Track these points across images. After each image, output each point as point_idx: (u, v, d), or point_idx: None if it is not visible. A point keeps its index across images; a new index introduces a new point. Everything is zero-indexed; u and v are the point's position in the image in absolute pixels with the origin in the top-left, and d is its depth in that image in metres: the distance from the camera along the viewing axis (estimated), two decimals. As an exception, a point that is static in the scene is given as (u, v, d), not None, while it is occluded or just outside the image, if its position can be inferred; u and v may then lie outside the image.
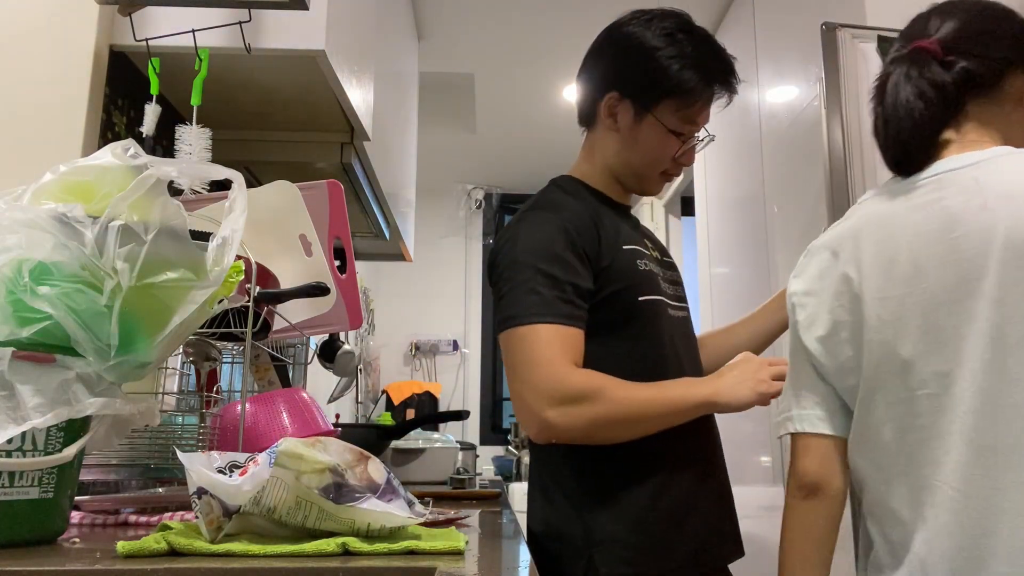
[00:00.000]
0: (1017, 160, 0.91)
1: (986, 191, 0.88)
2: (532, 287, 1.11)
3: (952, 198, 0.90)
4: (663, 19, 1.20)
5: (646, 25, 1.20)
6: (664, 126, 1.19)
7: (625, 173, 1.26)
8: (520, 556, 0.84)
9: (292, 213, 1.24)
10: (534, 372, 1.07)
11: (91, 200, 0.76)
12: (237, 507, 0.68)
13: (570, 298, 1.11)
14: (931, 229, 0.90)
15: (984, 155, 0.92)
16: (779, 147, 2.35)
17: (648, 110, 1.19)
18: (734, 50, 1.25)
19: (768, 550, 2.70)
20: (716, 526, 1.19)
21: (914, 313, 0.90)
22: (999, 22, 1.00)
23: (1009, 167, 0.90)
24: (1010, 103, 0.99)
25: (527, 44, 3.19)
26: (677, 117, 1.19)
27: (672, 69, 1.16)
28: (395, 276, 4.54)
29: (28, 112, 1.34)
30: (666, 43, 1.18)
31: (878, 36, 1.56)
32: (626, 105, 1.21)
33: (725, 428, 1.34)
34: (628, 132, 1.22)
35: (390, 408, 4.26)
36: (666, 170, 1.25)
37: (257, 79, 1.58)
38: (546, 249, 1.13)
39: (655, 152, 1.22)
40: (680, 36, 1.19)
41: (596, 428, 1.07)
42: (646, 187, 1.28)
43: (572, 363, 1.08)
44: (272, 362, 1.36)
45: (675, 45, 1.18)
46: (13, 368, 0.70)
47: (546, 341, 1.08)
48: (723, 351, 1.44)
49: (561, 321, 1.09)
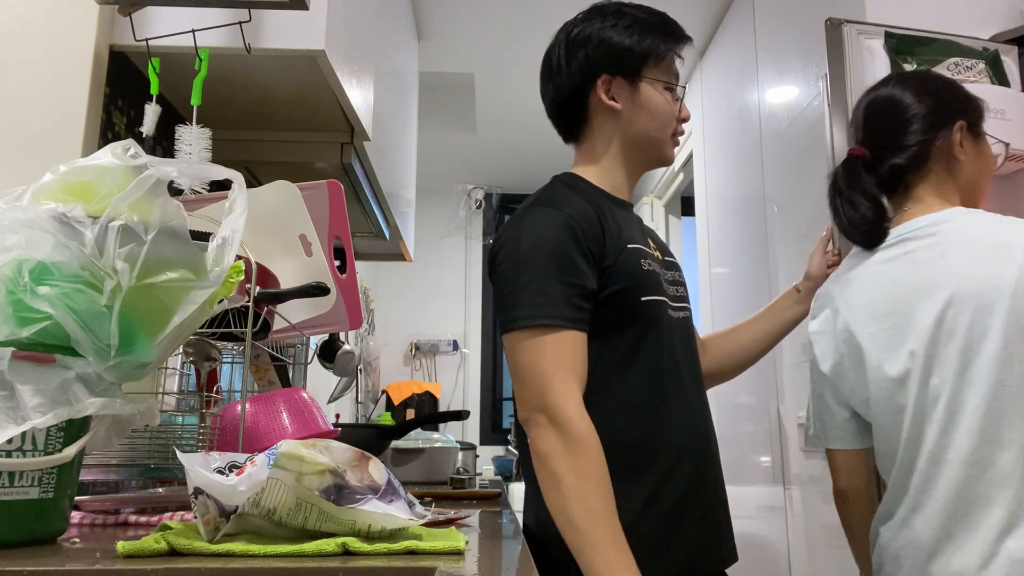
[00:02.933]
0: (968, 219, 1.14)
1: (943, 243, 1.12)
2: (536, 287, 1.10)
3: (917, 251, 1.14)
4: (602, 7, 1.30)
5: (595, 14, 1.29)
6: (660, 82, 1.26)
7: (640, 147, 1.27)
8: (520, 556, 0.84)
9: (292, 213, 1.24)
10: (534, 381, 1.07)
11: (91, 200, 0.76)
12: (234, 507, 0.68)
13: (575, 299, 1.10)
14: (902, 275, 1.14)
15: (940, 216, 1.16)
16: (779, 147, 2.35)
17: (639, 76, 1.25)
18: (734, 50, 1.26)
19: (768, 550, 2.69)
20: (711, 532, 1.18)
21: (895, 343, 1.12)
22: (908, 107, 1.22)
23: (962, 225, 1.13)
24: (942, 165, 1.21)
25: (527, 44, 3.18)
26: (662, 72, 1.27)
27: (642, 30, 1.26)
28: (395, 276, 4.54)
29: (28, 112, 1.34)
30: (621, 19, 1.27)
31: (885, 32, 1.55)
32: (619, 81, 1.25)
33: (725, 429, 1.34)
34: (631, 104, 1.25)
35: (390, 408, 4.26)
36: (675, 129, 1.29)
37: (257, 79, 1.58)
38: (551, 247, 1.12)
39: (663, 110, 1.26)
40: (626, 9, 1.29)
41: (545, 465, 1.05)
42: (664, 152, 1.30)
43: (575, 377, 1.08)
44: (272, 362, 1.36)
45: (629, 16, 1.28)
46: (13, 368, 0.70)
47: (551, 350, 1.08)
48: (726, 353, 1.44)
49: (566, 324, 1.09)
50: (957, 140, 1.21)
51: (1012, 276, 1.05)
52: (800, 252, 1.12)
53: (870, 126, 1.27)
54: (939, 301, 1.08)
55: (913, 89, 1.24)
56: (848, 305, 1.20)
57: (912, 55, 1.56)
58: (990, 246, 1.08)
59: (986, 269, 1.07)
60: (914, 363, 1.10)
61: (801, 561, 2.13)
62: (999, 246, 1.08)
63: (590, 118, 1.28)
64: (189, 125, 1.35)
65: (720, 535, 1.20)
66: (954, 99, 1.24)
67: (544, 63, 1.33)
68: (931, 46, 1.58)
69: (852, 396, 1.21)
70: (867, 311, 1.17)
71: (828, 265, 1.42)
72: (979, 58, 1.59)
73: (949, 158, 1.21)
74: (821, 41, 1.56)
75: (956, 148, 1.21)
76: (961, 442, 1.05)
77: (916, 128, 1.21)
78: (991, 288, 1.06)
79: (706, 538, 1.17)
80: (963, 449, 1.05)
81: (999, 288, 1.05)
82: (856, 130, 1.30)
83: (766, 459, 2.39)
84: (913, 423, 1.10)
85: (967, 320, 1.06)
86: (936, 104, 1.22)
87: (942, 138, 1.20)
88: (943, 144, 1.21)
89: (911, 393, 1.10)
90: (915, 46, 1.57)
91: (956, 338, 1.07)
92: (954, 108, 1.22)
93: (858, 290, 1.20)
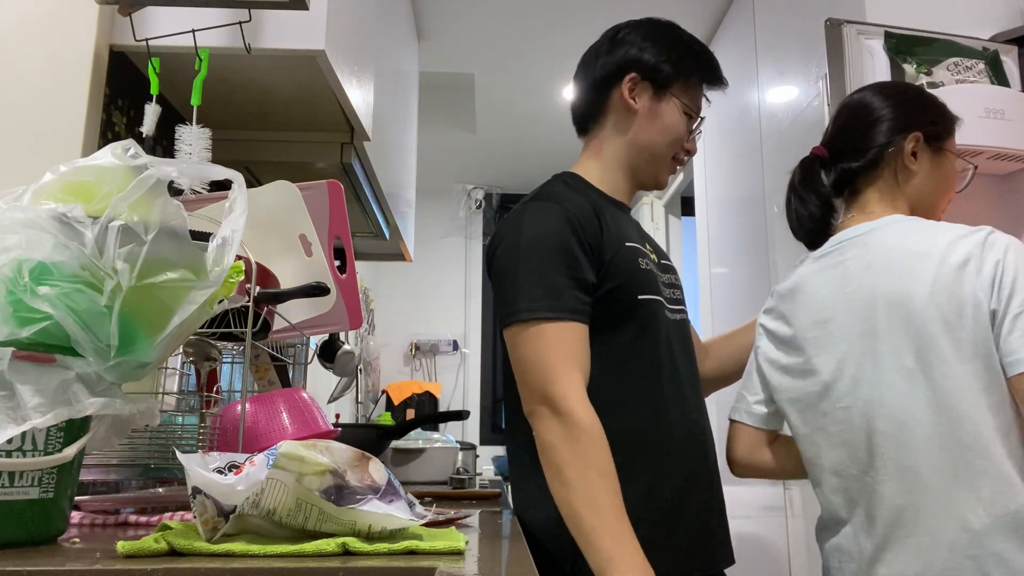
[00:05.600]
0: (897, 227, 1.16)
1: (871, 253, 1.15)
2: (537, 279, 1.10)
3: (849, 260, 1.18)
4: (659, 21, 1.32)
5: (648, 23, 1.31)
6: (681, 103, 1.27)
7: (642, 158, 1.28)
8: (520, 556, 0.83)
9: (292, 213, 1.24)
10: (537, 374, 1.07)
11: (91, 200, 0.76)
12: (233, 507, 0.68)
13: (576, 291, 1.11)
14: (834, 286, 1.18)
15: (874, 224, 1.18)
16: (779, 147, 2.35)
17: (666, 90, 1.27)
18: (734, 50, 1.28)
19: (768, 550, 2.69)
20: (706, 532, 1.18)
21: (826, 350, 1.16)
22: (873, 111, 1.24)
23: (891, 233, 1.15)
24: (891, 173, 1.22)
25: (527, 44, 3.19)
26: (688, 98, 1.28)
27: (685, 53, 1.28)
28: (395, 276, 4.54)
29: (28, 112, 1.34)
30: (671, 36, 1.30)
31: (885, 32, 1.55)
32: (645, 86, 1.27)
33: (725, 429, 1.34)
34: (648, 111, 1.26)
35: (390, 408, 4.26)
36: (677, 154, 1.30)
37: (257, 79, 1.58)
38: (551, 240, 1.12)
39: (676, 129, 1.27)
40: (680, 32, 1.31)
41: (549, 456, 1.06)
42: (660, 171, 1.31)
43: (578, 369, 1.08)
44: (272, 362, 1.36)
45: (678, 37, 1.30)
46: (13, 368, 0.70)
47: (554, 341, 1.08)
48: (727, 355, 1.44)
49: (567, 317, 1.09)
50: (909, 150, 1.21)
51: (926, 287, 1.06)
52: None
53: (834, 127, 1.29)
54: (864, 311, 1.12)
55: (883, 95, 1.25)
56: (792, 311, 1.23)
57: (912, 55, 1.56)
58: (910, 255, 1.10)
59: (904, 280, 1.09)
60: (840, 372, 1.13)
61: (801, 561, 2.13)
62: (918, 255, 1.09)
63: (607, 112, 1.29)
64: (189, 125, 1.35)
65: (714, 536, 1.19)
66: (920, 109, 1.24)
67: (586, 53, 1.35)
68: (931, 46, 1.58)
69: (779, 393, 1.24)
70: (806, 317, 1.20)
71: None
72: (979, 58, 1.59)
73: (899, 167, 1.22)
74: (821, 41, 1.56)
75: (907, 158, 1.21)
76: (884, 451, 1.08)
77: (873, 133, 1.22)
78: (909, 298, 1.08)
79: (700, 539, 1.16)
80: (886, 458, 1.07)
81: (915, 298, 1.07)
82: (826, 130, 1.32)
83: (766, 459, 2.39)
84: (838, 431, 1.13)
85: (887, 329, 1.09)
86: (898, 112, 1.22)
87: (895, 146, 1.21)
88: (895, 152, 1.21)
89: (835, 401, 1.14)
90: (915, 46, 1.57)
91: (878, 348, 1.09)
92: (916, 118, 1.22)
93: (800, 296, 1.23)
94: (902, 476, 1.06)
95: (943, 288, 1.06)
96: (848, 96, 1.32)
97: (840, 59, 1.52)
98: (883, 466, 1.08)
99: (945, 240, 1.09)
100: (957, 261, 1.06)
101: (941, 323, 1.05)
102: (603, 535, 1.00)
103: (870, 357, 1.11)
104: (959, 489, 1.02)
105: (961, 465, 1.02)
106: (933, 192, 1.24)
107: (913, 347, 1.07)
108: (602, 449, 1.05)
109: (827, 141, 1.29)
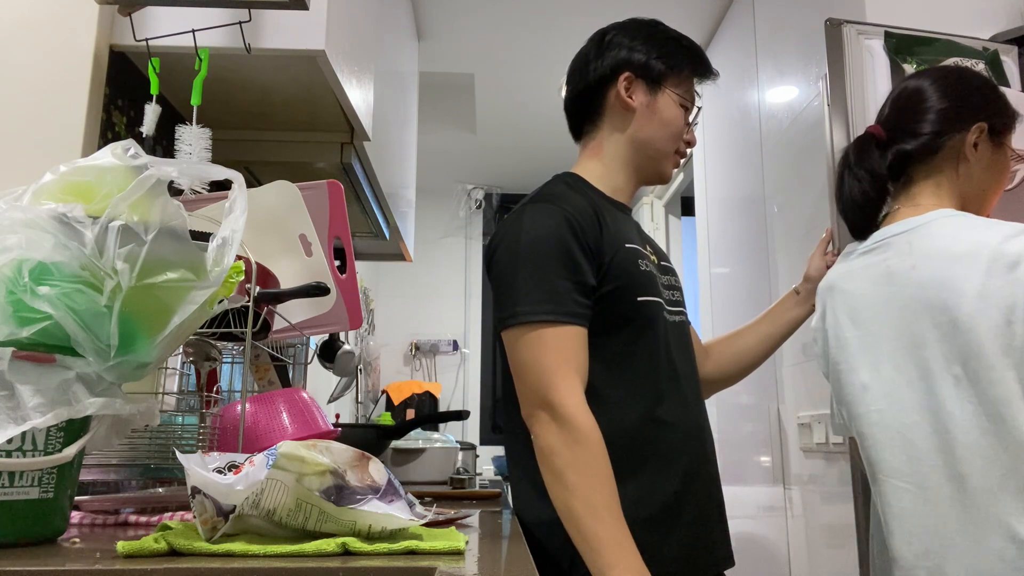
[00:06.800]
0: (944, 224, 1.11)
1: (915, 253, 1.11)
2: (537, 282, 1.10)
3: (892, 259, 1.14)
4: (641, 20, 1.33)
5: (633, 24, 1.33)
6: (677, 96, 1.28)
7: (644, 154, 1.28)
8: (520, 556, 0.83)
9: (292, 213, 1.24)
10: (536, 378, 1.07)
11: (91, 200, 0.76)
12: (232, 507, 0.68)
13: (575, 294, 1.10)
14: (877, 285, 1.15)
15: (920, 220, 1.13)
16: (779, 147, 2.35)
17: (660, 85, 1.28)
18: (734, 50, 1.27)
19: (768, 550, 2.70)
20: (706, 534, 1.17)
21: (867, 352, 1.14)
22: (935, 97, 1.19)
23: (937, 231, 1.11)
24: (950, 164, 1.18)
25: (527, 44, 3.19)
26: (682, 91, 1.29)
27: (675, 48, 1.29)
28: (395, 276, 4.55)
29: (28, 112, 1.34)
30: (657, 33, 1.31)
31: (885, 32, 1.55)
32: (640, 83, 1.27)
33: (725, 429, 1.34)
34: (645, 108, 1.27)
35: (390, 408, 4.26)
36: (678, 148, 1.31)
37: (257, 79, 1.58)
38: (551, 242, 1.12)
39: (674, 123, 1.28)
40: (664, 28, 1.33)
41: (548, 461, 1.06)
42: (663, 166, 1.31)
43: (576, 373, 1.08)
44: (272, 362, 1.36)
45: (664, 33, 1.32)
46: (13, 368, 0.70)
47: (553, 345, 1.08)
48: (729, 357, 1.44)
49: (567, 320, 1.09)
50: (972, 140, 1.17)
51: (974, 292, 1.03)
52: (800, 252, 1.12)
53: (893, 109, 1.24)
54: (908, 314, 1.09)
55: (944, 82, 1.20)
56: (833, 309, 1.22)
57: (912, 55, 1.56)
58: (958, 257, 1.06)
59: (950, 285, 1.05)
60: (879, 375, 1.12)
61: (801, 561, 2.13)
62: (966, 257, 1.05)
63: (604, 113, 1.29)
64: (189, 125, 1.35)
65: (713, 538, 1.19)
66: (984, 100, 1.20)
67: (575, 59, 1.36)
68: (931, 46, 1.58)
69: (837, 396, 1.24)
70: (848, 316, 1.19)
71: (827, 267, 1.42)
72: (979, 58, 1.59)
73: (959, 158, 1.17)
74: (821, 41, 1.56)
75: (968, 148, 1.17)
76: (926, 458, 1.06)
77: (932, 118, 1.18)
78: (956, 304, 1.04)
79: (699, 541, 1.16)
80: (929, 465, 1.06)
81: (962, 304, 1.04)
82: (881, 112, 1.27)
83: (766, 459, 2.39)
84: (881, 433, 1.12)
85: (933, 336, 1.06)
86: (961, 101, 1.18)
87: (957, 135, 1.17)
88: (956, 142, 1.17)
89: (871, 403, 1.13)
90: (915, 46, 1.57)
91: (924, 355, 1.07)
92: (979, 108, 1.18)
93: (841, 294, 1.21)
94: (946, 484, 1.04)
95: (992, 292, 1.02)
96: (907, 77, 1.27)
97: (840, 59, 1.52)
98: (927, 472, 1.06)
99: (996, 239, 1.04)
100: (1008, 261, 1.02)
101: (989, 328, 1.02)
102: (602, 540, 1.01)
103: (913, 362, 1.08)
104: (1006, 497, 0.99)
105: (1009, 473, 1.00)
106: (987, 187, 1.20)
107: (959, 354, 1.04)
108: (600, 454, 1.05)
109: (883, 122, 1.24)
